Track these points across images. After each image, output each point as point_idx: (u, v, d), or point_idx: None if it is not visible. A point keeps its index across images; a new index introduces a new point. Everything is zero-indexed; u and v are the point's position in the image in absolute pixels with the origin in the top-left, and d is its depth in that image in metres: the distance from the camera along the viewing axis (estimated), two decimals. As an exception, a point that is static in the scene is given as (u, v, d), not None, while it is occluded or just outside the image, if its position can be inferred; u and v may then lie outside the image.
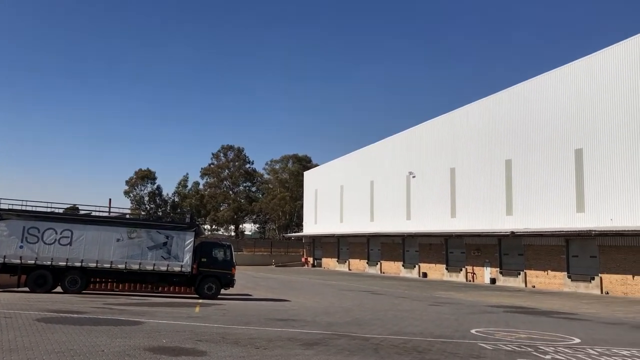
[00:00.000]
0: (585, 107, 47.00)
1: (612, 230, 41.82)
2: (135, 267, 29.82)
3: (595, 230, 42.62)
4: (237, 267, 33.61)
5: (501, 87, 63.67)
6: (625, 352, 16.59)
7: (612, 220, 43.74)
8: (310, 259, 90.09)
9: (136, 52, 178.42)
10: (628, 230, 40.66)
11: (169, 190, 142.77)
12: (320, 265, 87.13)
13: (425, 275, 62.73)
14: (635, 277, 41.39)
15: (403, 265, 67.18)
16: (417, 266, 64.53)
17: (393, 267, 69.10)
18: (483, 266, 55.22)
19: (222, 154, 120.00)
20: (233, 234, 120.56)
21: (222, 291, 31.30)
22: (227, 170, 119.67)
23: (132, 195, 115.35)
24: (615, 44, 45.21)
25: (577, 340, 18.68)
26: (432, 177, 63.76)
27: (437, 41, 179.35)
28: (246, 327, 18.84)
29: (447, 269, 59.99)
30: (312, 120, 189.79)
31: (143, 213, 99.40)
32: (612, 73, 45.10)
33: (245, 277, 50.76)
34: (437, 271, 61.35)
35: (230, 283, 31.37)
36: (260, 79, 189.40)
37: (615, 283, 42.77)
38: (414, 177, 66.61)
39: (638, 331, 22.29)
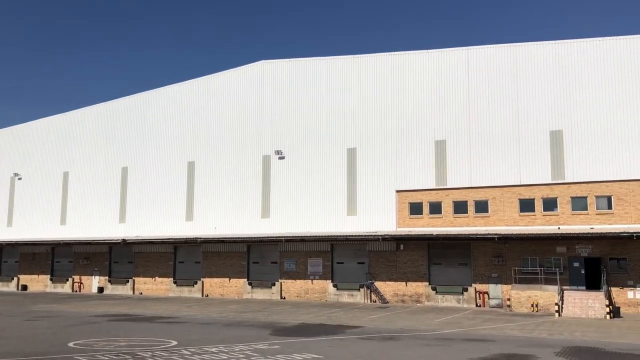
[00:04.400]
0: (199, 123, 50.92)
1: (215, 238, 46.02)
2: None
3: (200, 238, 46.13)
4: None
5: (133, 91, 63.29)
6: (214, 349, 18.32)
7: (216, 228, 48.28)
8: None
9: None
10: (228, 238, 45.40)
11: None
12: None
13: (25, 287, 56.76)
14: (231, 280, 46.46)
15: (-1, 278, 59.28)
16: (15, 278, 57.89)
17: (-14, 281, 60.22)
18: (92, 275, 53.34)
19: None
20: None
21: None
22: None
23: None
24: (231, 69, 50.84)
25: (175, 343, 19.73)
26: (43, 180, 58.60)
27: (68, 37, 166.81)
28: None
29: (51, 279, 55.64)
30: None
31: None
32: (226, 95, 50.28)
33: None
34: (40, 282, 56.31)
35: None
36: None
37: (215, 286, 47.10)
38: (19, 179, 59.90)
39: (228, 329, 24.94)
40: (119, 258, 52.56)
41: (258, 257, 46.15)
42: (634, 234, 32.43)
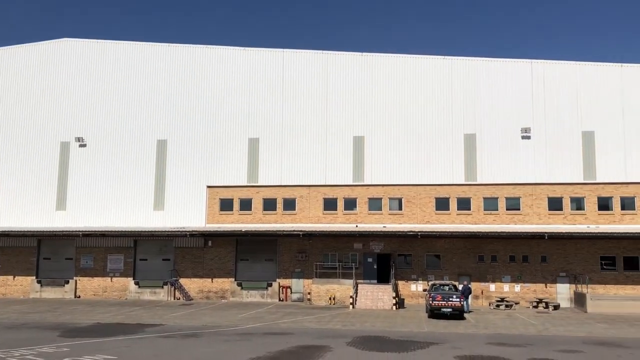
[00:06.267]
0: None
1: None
2: None
3: (-20, 231, 40.61)
4: None
5: None
6: (-12, 355, 16.24)
7: (1, 220, 42.98)
8: None
9: None
10: (14, 231, 40.60)
11: None
12: None
13: None
14: (16, 278, 41.69)
15: None
16: None
17: None
18: None
19: None
20: None
21: None
22: None
23: None
24: (27, 43, 45.65)
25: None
26: None
27: None
28: None
29: None
30: None
31: None
32: (19, 71, 45.06)
33: None
34: None
35: None
36: None
37: (-4, 285, 41.86)
38: None
39: (8, 331, 22.32)
40: None
41: (50, 253, 42.09)
42: (418, 233, 36.26)
